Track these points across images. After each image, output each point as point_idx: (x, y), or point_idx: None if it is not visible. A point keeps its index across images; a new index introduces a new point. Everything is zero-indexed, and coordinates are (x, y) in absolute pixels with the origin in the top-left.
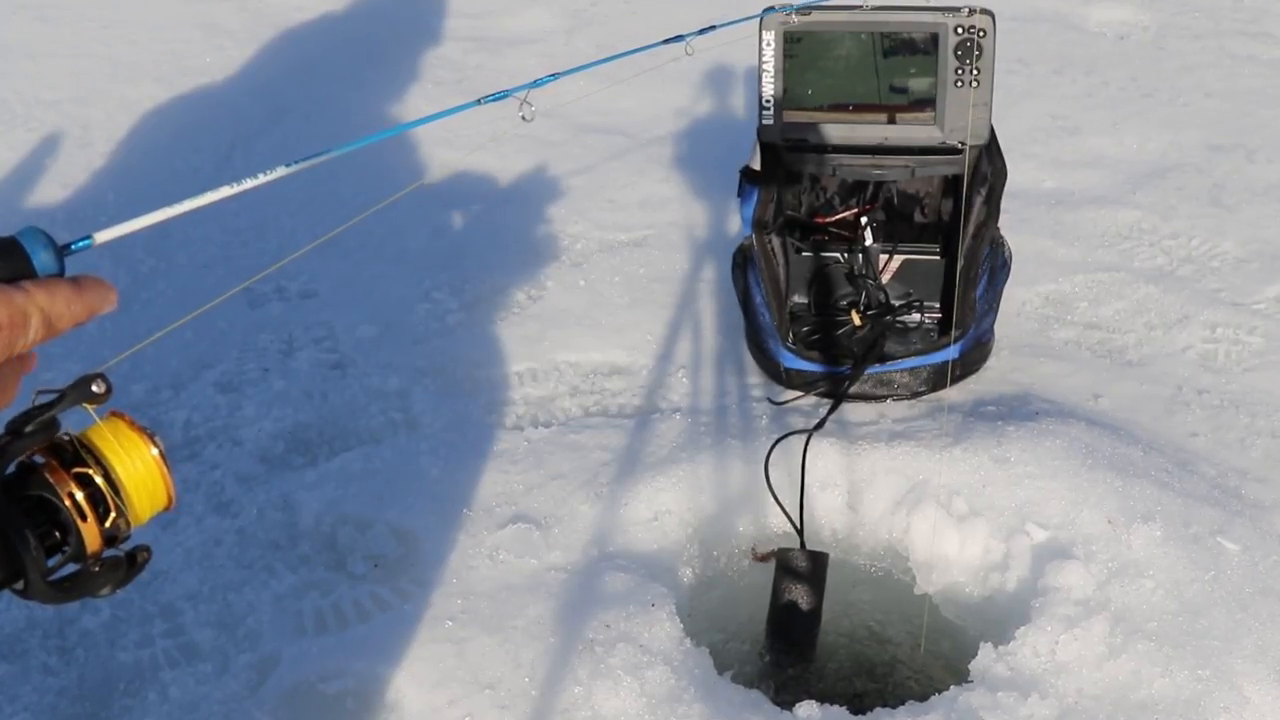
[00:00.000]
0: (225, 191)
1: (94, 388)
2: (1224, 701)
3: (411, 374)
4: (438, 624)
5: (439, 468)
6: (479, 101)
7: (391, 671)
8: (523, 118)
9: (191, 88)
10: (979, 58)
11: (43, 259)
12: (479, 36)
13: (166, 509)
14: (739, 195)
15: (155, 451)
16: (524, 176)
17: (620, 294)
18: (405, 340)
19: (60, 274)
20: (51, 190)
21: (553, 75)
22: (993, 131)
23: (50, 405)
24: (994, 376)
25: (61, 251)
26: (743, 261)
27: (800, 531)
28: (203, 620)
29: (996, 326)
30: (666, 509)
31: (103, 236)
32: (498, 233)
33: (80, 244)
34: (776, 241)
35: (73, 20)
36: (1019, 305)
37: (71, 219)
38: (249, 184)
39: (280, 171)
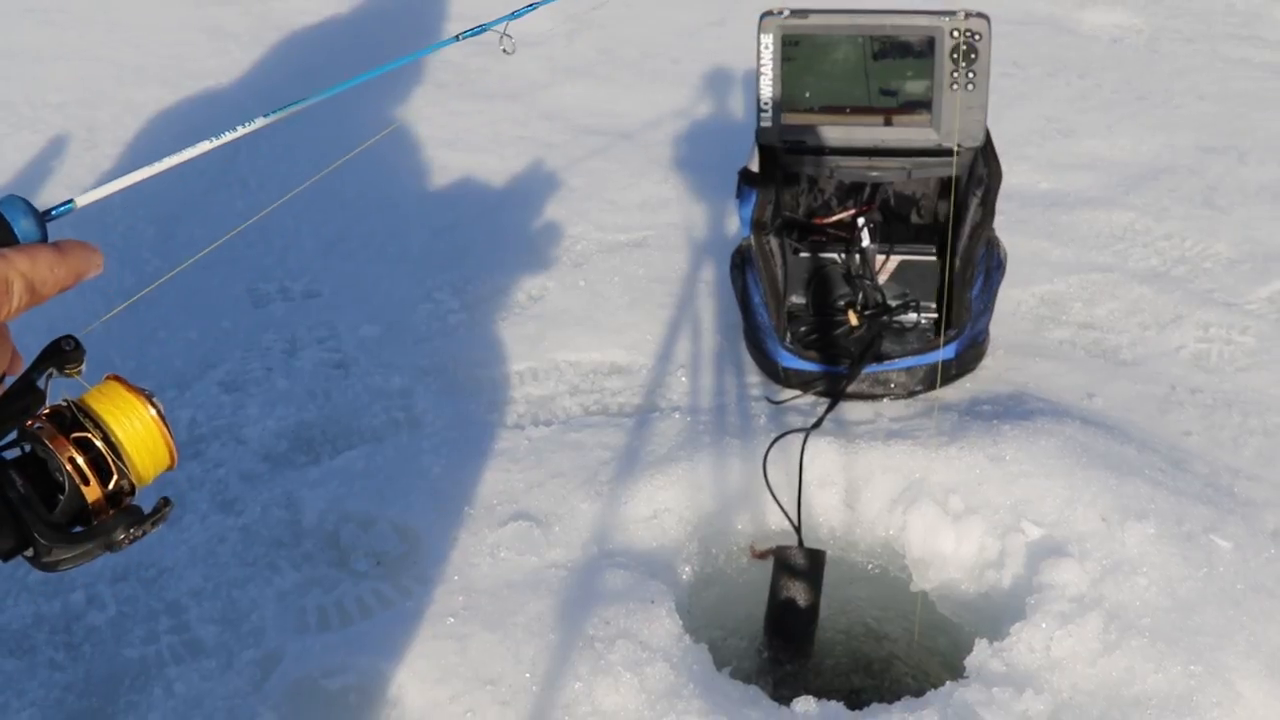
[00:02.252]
0: (204, 146)
1: (64, 345)
2: (1216, 697)
3: (413, 373)
4: (439, 620)
5: (441, 466)
6: (458, 38)
7: (393, 667)
8: (504, 50)
9: (196, 91)
10: (975, 61)
11: (24, 226)
12: (480, 40)
13: (169, 468)
14: (737, 197)
15: (153, 411)
16: (524, 177)
17: (620, 294)
18: (407, 340)
19: (43, 240)
20: (57, 192)
21: (530, 5)
22: (988, 134)
23: (29, 370)
24: (989, 376)
25: (43, 217)
26: (741, 262)
27: (798, 529)
28: (207, 617)
29: (992, 326)
30: (666, 507)
31: (84, 200)
32: (498, 233)
33: (61, 209)
34: (774, 242)
35: (79, 24)
36: (1014, 305)
37: (78, 219)
38: (228, 137)
39: (259, 122)
